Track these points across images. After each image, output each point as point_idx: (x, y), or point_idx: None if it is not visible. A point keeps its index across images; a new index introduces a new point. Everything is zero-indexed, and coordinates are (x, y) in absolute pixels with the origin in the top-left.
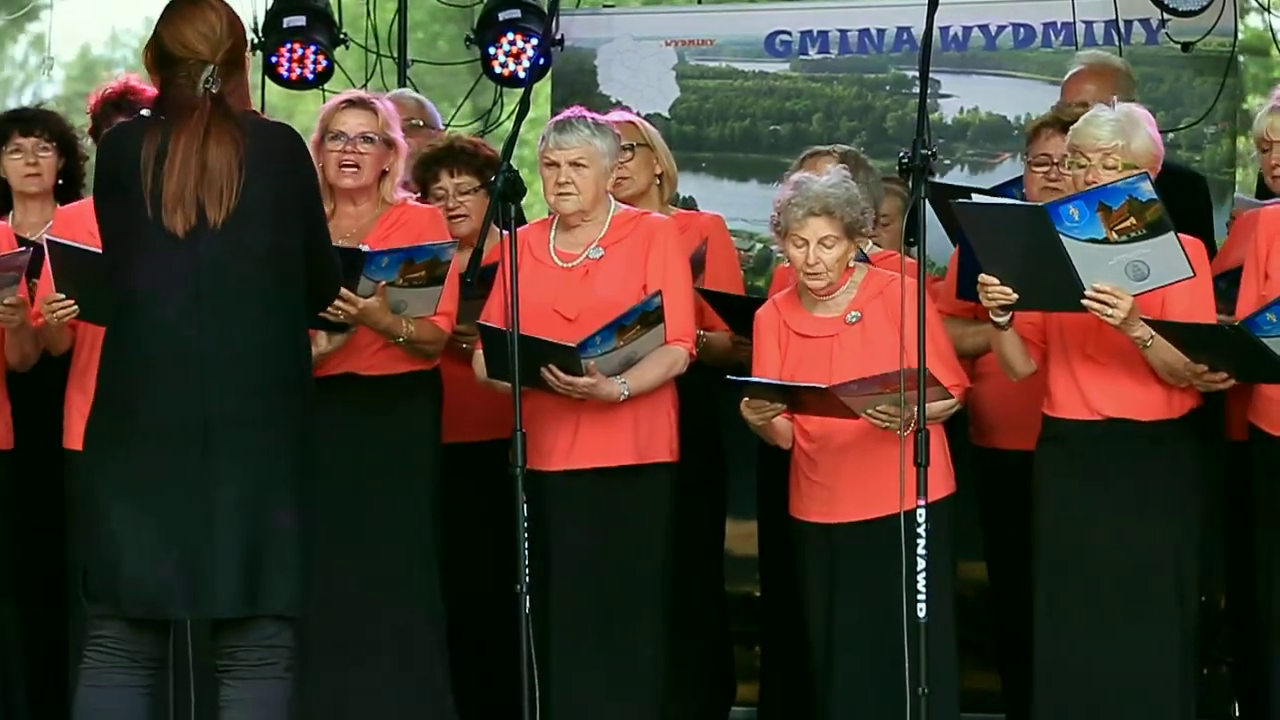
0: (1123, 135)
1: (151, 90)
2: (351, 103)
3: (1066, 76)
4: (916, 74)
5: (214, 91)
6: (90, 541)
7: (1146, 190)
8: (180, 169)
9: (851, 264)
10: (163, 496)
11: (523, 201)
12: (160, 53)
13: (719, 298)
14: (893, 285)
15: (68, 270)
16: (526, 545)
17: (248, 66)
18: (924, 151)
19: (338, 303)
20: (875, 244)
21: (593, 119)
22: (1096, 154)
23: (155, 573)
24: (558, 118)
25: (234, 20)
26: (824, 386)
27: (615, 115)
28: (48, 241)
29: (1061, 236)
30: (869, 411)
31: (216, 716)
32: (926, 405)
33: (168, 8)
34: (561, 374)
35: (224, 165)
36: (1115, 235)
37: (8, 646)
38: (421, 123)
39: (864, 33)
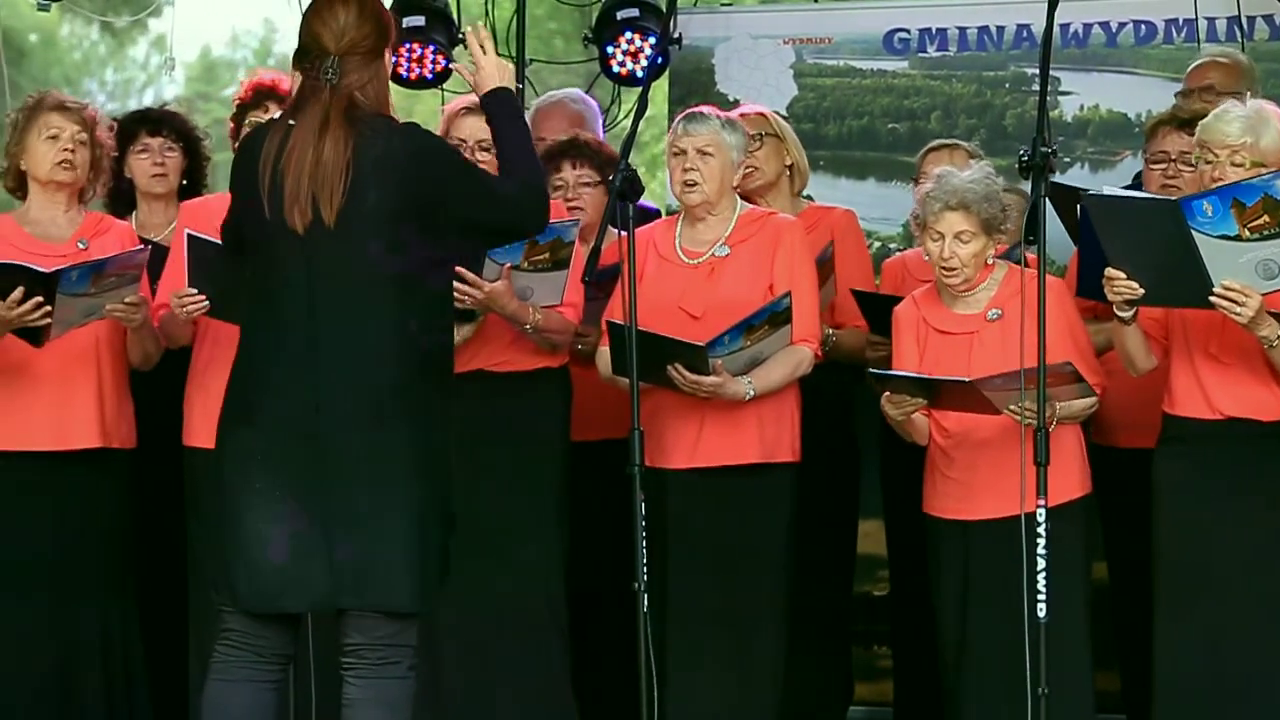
0: (1252, 132)
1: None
2: (469, 109)
3: (1189, 69)
4: (1036, 71)
5: (334, 83)
6: (214, 535)
7: None
8: (296, 164)
9: (991, 260)
10: (280, 493)
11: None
12: (298, 49)
13: (867, 298)
14: (1033, 283)
15: (203, 265)
16: (645, 543)
17: (384, 62)
18: (1044, 149)
19: (464, 288)
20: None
21: (724, 115)
22: (1225, 150)
23: (271, 567)
24: (687, 110)
25: (366, 12)
26: (967, 380)
27: (745, 107)
28: (187, 236)
29: (1193, 232)
30: (1011, 407)
31: (338, 714)
32: (1067, 404)
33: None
34: (687, 372)
35: (334, 163)
36: (1247, 233)
37: (130, 644)
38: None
39: (983, 30)
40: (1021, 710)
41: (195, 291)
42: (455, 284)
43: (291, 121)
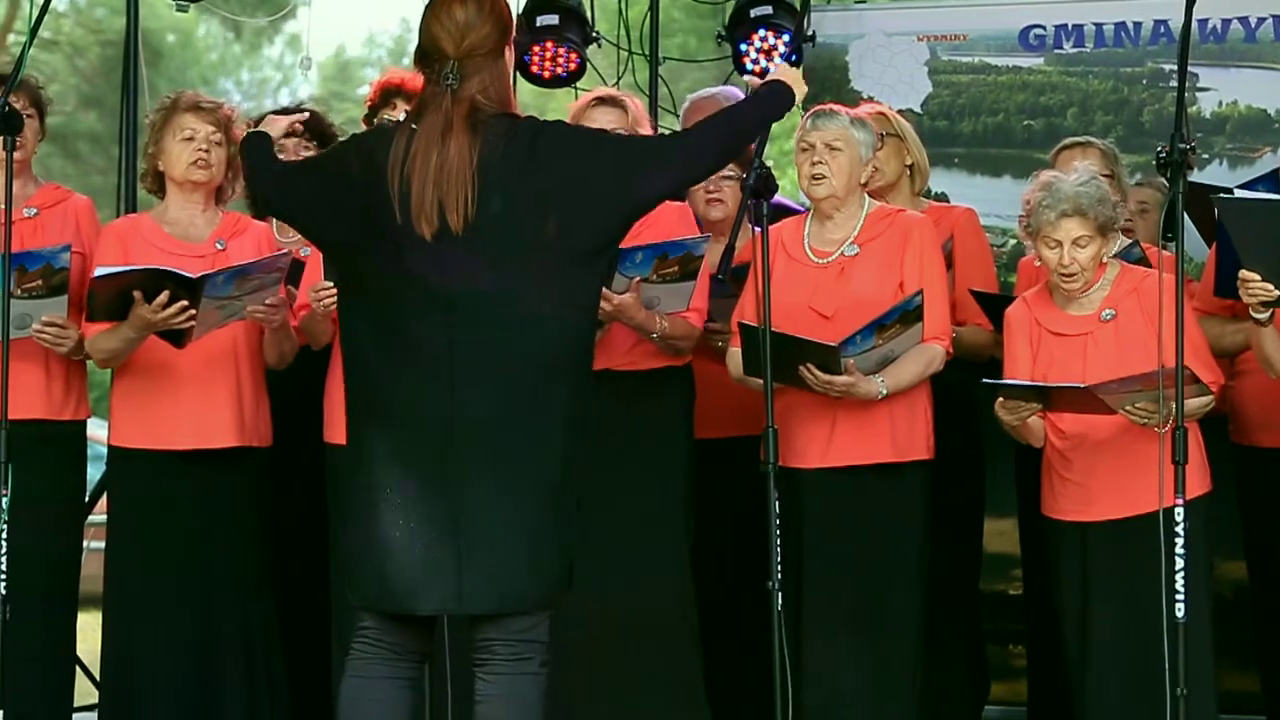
0: None
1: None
2: (602, 100)
3: None
4: (1173, 67)
5: (454, 89)
6: (346, 536)
7: None
8: (420, 170)
9: (1105, 260)
10: (411, 494)
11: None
12: (418, 50)
13: (987, 298)
14: (1147, 282)
15: None
16: (779, 542)
17: (506, 62)
18: (1182, 146)
19: None
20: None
21: (853, 113)
22: None
23: (403, 568)
24: (815, 108)
25: (485, 10)
26: (1083, 386)
27: (866, 107)
28: None
29: None
30: (1127, 408)
31: (472, 710)
32: (1184, 403)
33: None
34: (820, 372)
35: (460, 169)
36: None
37: (270, 642)
38: None
39: (1120, 26)
40: (1146, 710)
41: (330, 285)
42: None
43: (414, 126)
